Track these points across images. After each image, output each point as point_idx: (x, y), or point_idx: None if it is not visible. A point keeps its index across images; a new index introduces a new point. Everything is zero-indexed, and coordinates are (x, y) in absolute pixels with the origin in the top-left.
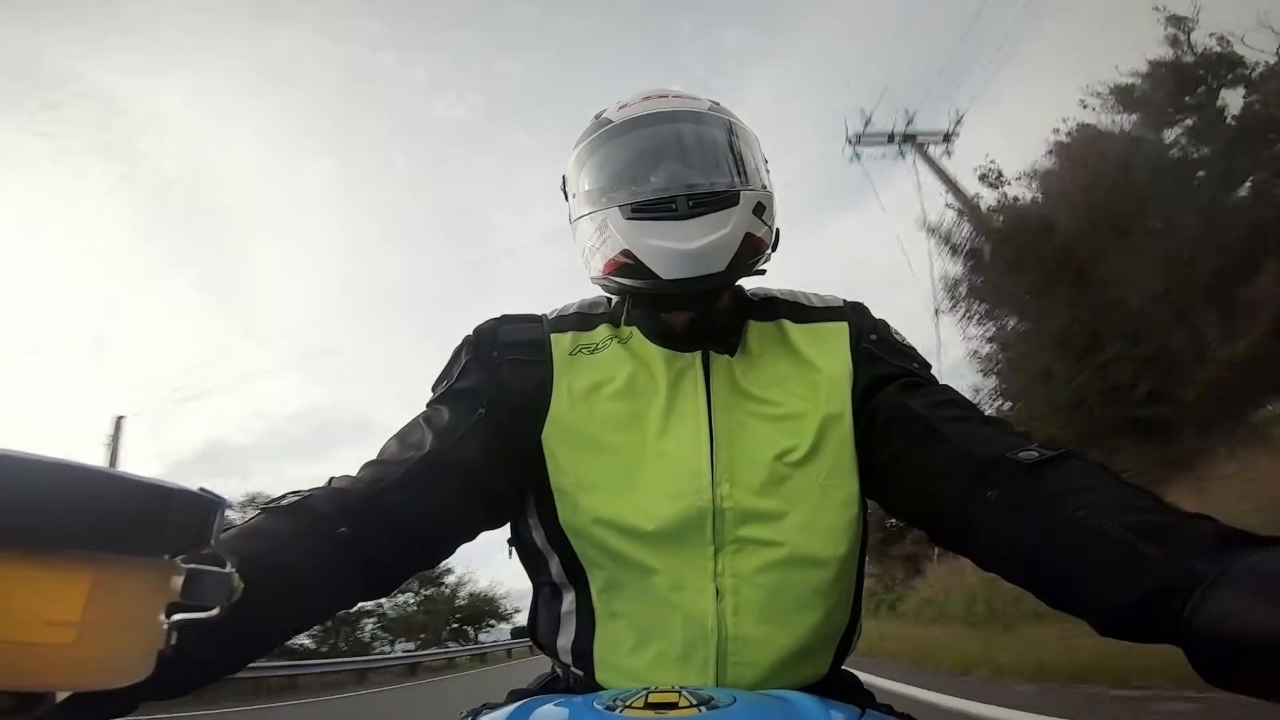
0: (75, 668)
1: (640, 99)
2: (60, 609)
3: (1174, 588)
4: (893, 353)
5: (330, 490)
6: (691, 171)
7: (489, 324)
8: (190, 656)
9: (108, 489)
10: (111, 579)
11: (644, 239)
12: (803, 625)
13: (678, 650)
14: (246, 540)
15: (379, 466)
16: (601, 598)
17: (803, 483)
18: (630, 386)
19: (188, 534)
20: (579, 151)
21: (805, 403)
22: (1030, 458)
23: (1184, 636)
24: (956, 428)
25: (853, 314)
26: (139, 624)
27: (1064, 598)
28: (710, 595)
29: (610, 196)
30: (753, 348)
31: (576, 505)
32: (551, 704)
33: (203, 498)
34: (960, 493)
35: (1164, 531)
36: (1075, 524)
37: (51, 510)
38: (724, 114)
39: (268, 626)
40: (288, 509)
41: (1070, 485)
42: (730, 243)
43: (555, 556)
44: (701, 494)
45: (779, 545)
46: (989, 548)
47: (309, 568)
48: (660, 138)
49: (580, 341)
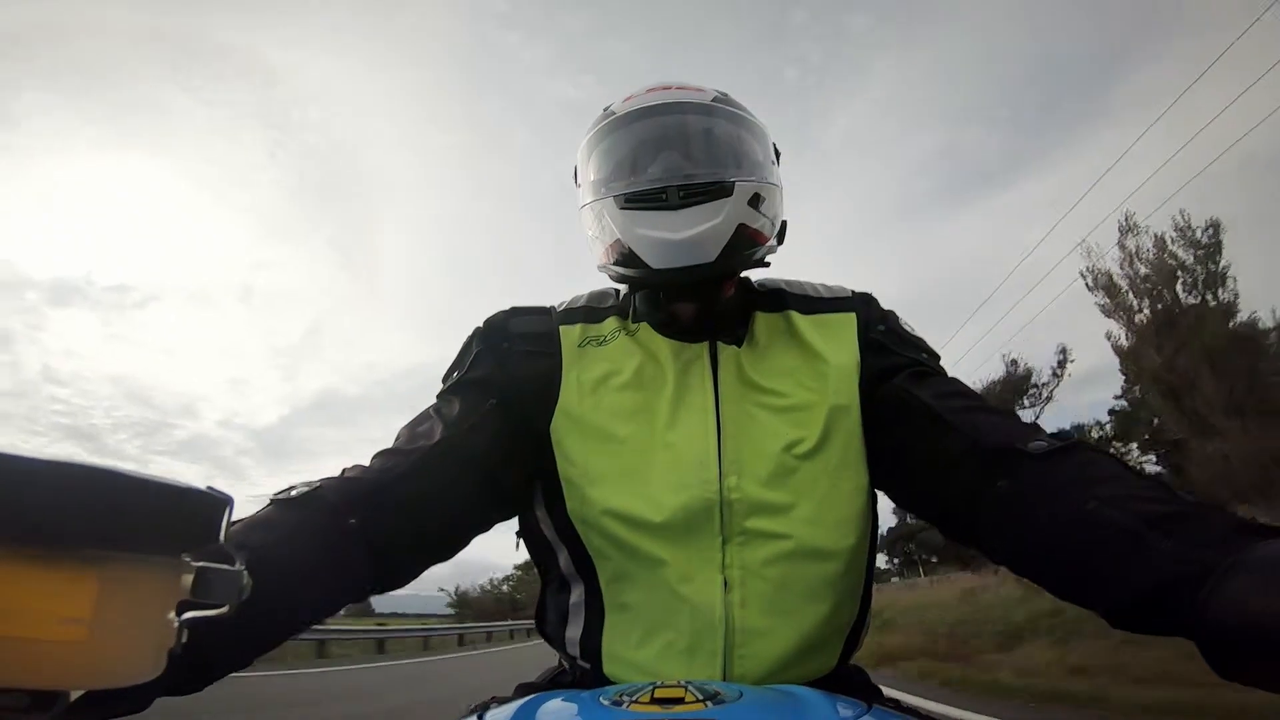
0: (88, 666)
1: (644, 91)
2: (72, 607)
3: (1186, 578)
4: (901, 343)
5: (341, 480)
6: (687, 163)
7: (499, 315)
8: (200, 653)
9: (118, 489)
10: (122, 577)
11: (635, 229)
12: (811, 618)
13: (685, 642)
14: (256, 533)
15: (390, 456)
16: (609, 590)
17: (811, 474)
18: (638, 378)
19: (197, 532)
20: (585, 143)
21: (813, 394)
22: (1040, 448)
23: (1196, 628)
24: (965, 418)
25: (861, 304)
26: (150, 622)
27: (1074, 589)
28: (718, 587)
29: (609, 186)
30: (760, 339)
31: (585, 496)
32: (558, 699)
33: (211, 496)
34: (969, 483)
35: (1175, 522)
36: (1086, 515)
37: (63, 510)
38: (729, 105)
39: (277, 621)
40: (297, 500)
41: (1081, 476)
42: (720, 234)
43: (563, 549)
44: (709, 485)
45: (787, 537)
46: (998, 539)
47: (318, 561)
48: (659, 129)
49: (589, 333)
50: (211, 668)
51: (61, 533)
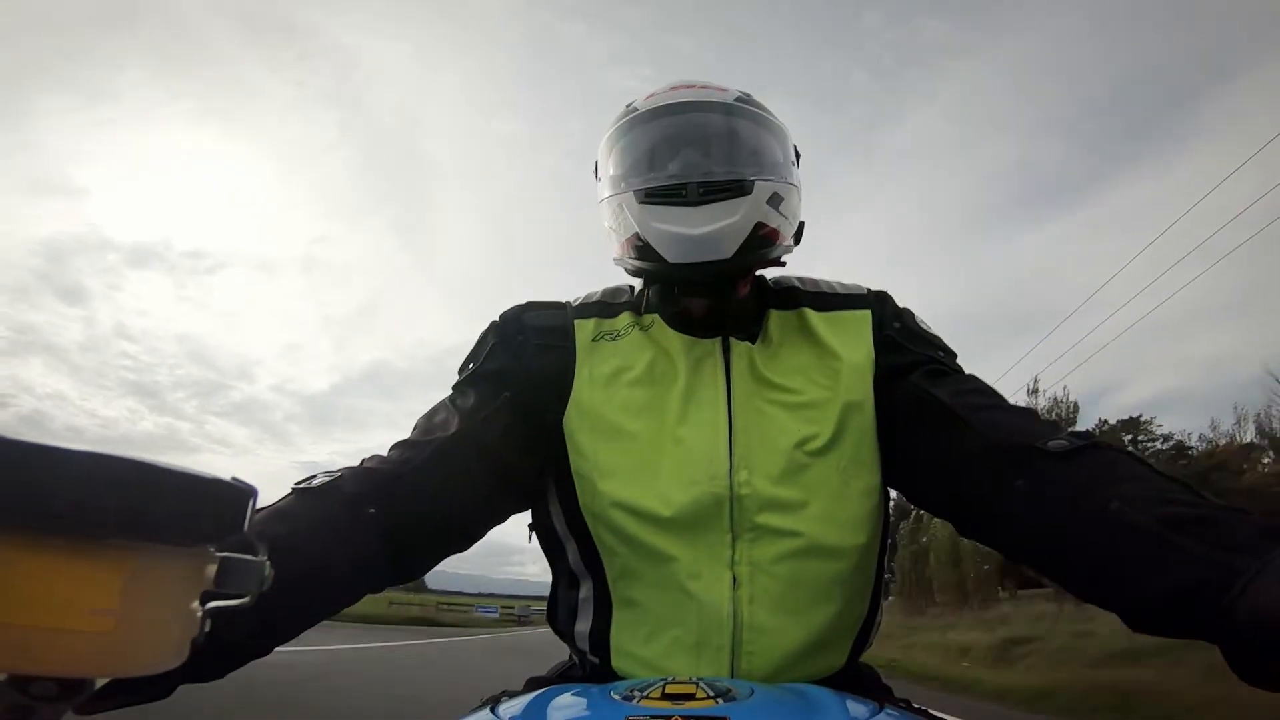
0: (114, 654)
1: (668, 89)
2: (101, 597)
3: (1212, 582)
4: (916, 340)
5: (360, 470)
6: (707, 160)
7: (515, 309)
8: (221, 642)
9: (146, 480)
10: (148, 568)
11: (653, 223)
12: (820, 616)
13: (693, 638)
14: (277, 523)
15: (408, 447)
16: (618, 585)
17: (822, 471)
18: (650, 373)
19: (222, 523)
20: (607, 138)
21: (825, 391)
22: (1060, 447)
23: (1222, 632)
24: (984, 416)
25: (876, 302)
26: (175, 612)
27: (1095, 590)
28: (727, 583)
29: (629, 181)
30: (774, 335)
31: (595, 490)
32: (569, 693)
33: (236, 487)
34: (987, 482)
35: (1202, 524)
36: (1108, 515)
37: (92, 501)
38: (752, 106)
39: (297, 611)
40: (318, 490)
41: (1103, 476)
42: (738, 231)
43: (573, 543)
44: (719, 481)
45: (797, 535)
46: (1017, 538)
47: (337, 553)
48: (681, 127)
49: (603, 328)
50: (232, 656)
51: (92, 523)
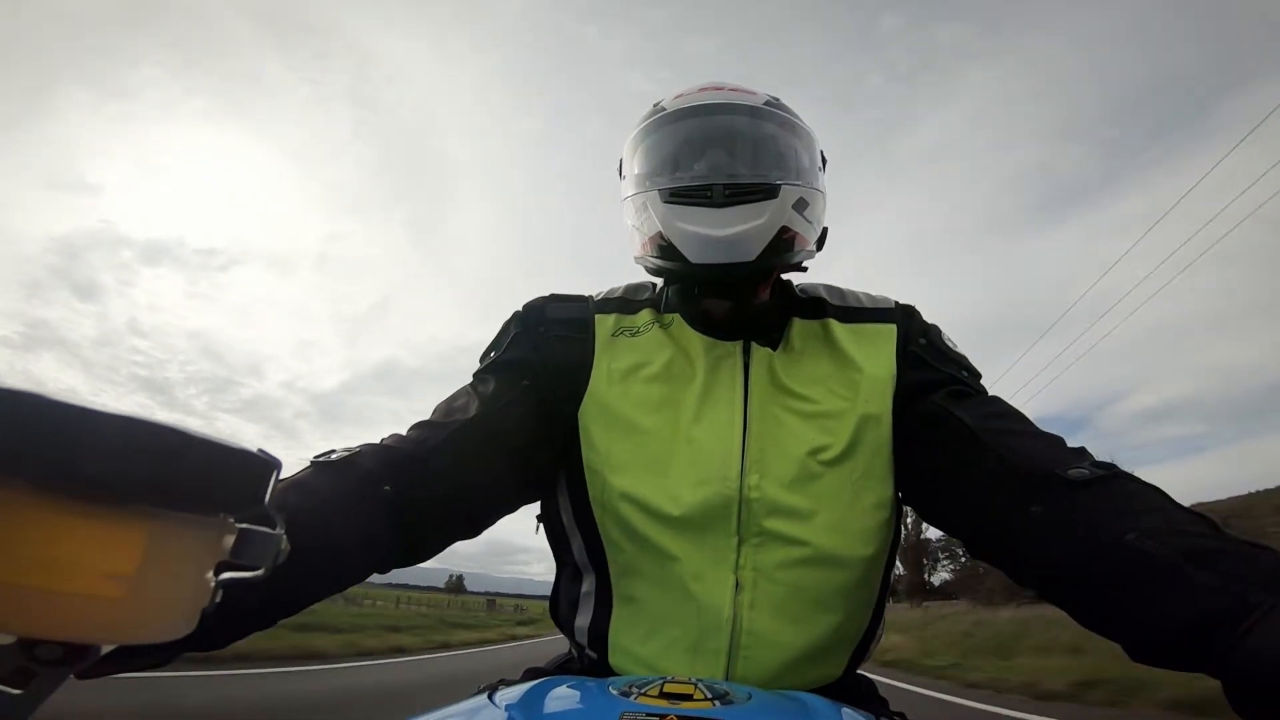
0: (125, 621)
1: (697, 90)
2: (117, 563)
3: (1224, 616)
4: (941, 359)
5: (379, 447)
6: (734, 162)
7: (538, 301)
8: (230, 613)
9: (174, 446)
10: (168, 535)
11: (677, 223)
12: (820, 625)
13: (691, 639)
14: (293, 495)
15: (426, 428)
16: (620, 581)
17: (834, 482)
18: (667, 371)
19: (244, 494)
20: (633, 136)
21: (843, 401)
22: (1081, 475)
23: (1227, 667)
24: (1005, 440)
25: (902, 316)
26: (189, 581)
27: (1102, 619)
28: (729, 587)
29: (654, 180)
30: (795, 344)
31: (605, 483)
32: (566, 685)
33: (261, 459)
34: (1003, 505)
35: (1219, 558)
36: (1125, 546)
37: (119, 464)
38: (780, 110)
39: (306, 586)
40: (336, 464)
41: (1123, 506)
42: (763, 234)
43: (579, 536)
44: (729, 482)
45: (805, 544)
46: (1027, 563)
47: (350, 529)
48: (708, 128)
49: (623, 324)
50: (238, 627)
51: (115, 487)
